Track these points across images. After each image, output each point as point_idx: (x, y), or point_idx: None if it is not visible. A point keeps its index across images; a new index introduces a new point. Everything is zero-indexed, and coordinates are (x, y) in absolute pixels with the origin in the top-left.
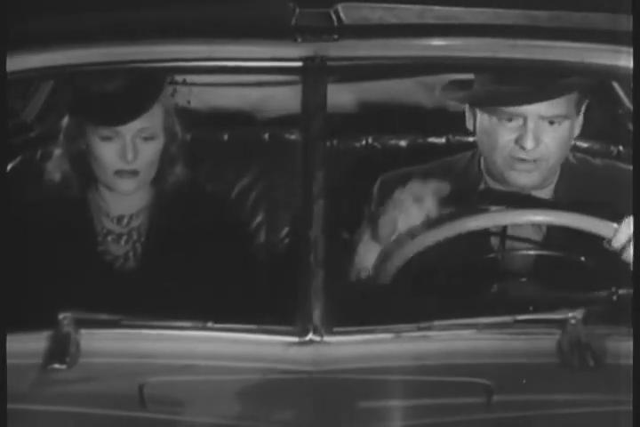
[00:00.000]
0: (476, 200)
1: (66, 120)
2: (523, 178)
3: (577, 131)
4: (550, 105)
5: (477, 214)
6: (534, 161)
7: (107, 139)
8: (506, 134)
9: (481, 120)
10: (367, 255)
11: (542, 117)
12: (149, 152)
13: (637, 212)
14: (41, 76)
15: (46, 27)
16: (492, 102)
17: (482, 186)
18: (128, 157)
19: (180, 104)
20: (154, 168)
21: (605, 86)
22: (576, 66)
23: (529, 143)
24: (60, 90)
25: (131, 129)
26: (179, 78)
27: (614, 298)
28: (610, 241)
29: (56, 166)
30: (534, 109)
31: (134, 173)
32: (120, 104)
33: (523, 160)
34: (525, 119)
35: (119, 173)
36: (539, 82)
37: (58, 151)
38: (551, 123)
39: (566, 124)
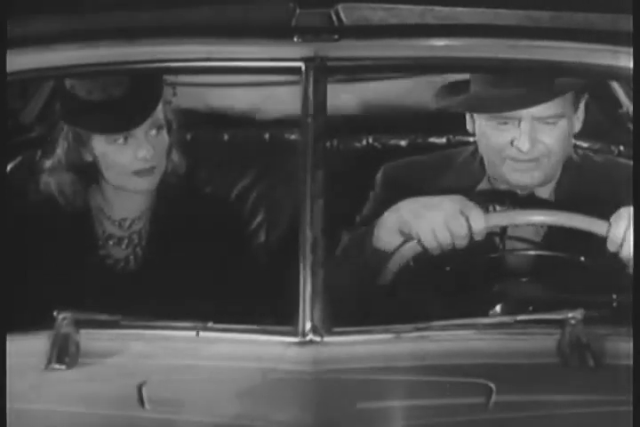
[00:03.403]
0: (476, 200)
1: (63, 132)
2: (524, 177)
3: (577, 126)
4: (544, 106)
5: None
6: (534, 160)
7: (118, 142)
8: (502, 136)
9: (479, 123)
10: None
11: (537, 119)
12: (161, 143)
13: (638, 212)
14: (41, 76)
15: (46, 27)
16: (484, 109)
17: (482, 185)
18: (147, 155)
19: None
20: (164, 159)
21: (605, 86)
22: (576, 66)
23: (524, 145)
24: (56, 102)
25: (142, 127)
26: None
27: (614, 298)
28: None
29: (53, 178)
30: (528, 111)
31: (152, 169)
32: (128, 106)
33: (522, 160)
34: (520, 121)
35: (138, 172)
36: (533, 84)
37: (54, 163)
38: (547, 123)
39: (563, 122)
